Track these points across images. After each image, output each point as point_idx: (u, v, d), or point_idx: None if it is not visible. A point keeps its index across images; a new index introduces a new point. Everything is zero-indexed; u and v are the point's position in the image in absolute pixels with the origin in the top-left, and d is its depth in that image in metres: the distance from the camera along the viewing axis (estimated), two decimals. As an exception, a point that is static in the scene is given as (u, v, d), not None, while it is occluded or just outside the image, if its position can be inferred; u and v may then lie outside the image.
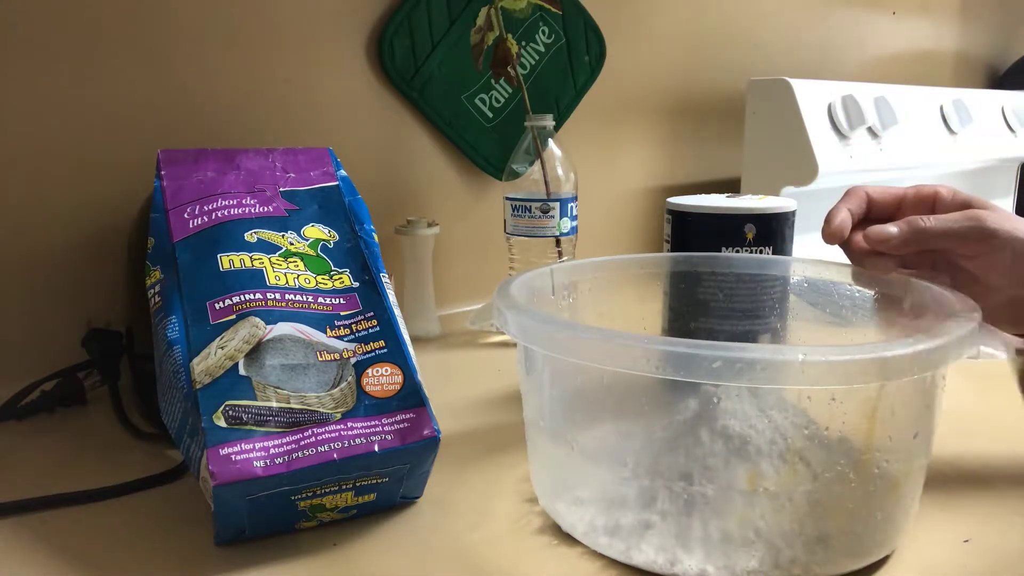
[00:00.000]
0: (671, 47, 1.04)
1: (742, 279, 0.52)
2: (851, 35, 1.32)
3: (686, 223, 0.56)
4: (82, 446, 0.52)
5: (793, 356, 0.31)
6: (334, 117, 0.75)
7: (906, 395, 0.35)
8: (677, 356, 0.31)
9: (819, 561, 0.35)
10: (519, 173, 0.74)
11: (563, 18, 0.88)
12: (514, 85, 0.85)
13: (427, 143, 0.82)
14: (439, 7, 0.79)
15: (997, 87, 1.64)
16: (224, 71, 0.68)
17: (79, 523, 0.42)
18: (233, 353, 0.40)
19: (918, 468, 0.37)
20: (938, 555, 0.38)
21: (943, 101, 1.19)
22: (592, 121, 0.96)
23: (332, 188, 0.51)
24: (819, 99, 0.97)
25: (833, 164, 0.95)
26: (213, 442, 0.37)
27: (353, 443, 0.38)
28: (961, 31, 1.55)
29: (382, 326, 0.44)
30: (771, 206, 0.55)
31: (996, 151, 1.26)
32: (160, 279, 0.44)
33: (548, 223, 0.73)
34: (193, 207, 0.47)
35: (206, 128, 0.68)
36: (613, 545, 0.37)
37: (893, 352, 0.32)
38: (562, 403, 0.40)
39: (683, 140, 1.09)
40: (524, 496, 0.44)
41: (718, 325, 0.52)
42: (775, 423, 0.37)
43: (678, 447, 0.37)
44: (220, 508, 0.37)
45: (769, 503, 0.34)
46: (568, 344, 0.35)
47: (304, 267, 0.46)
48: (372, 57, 0.77)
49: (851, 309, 0.49)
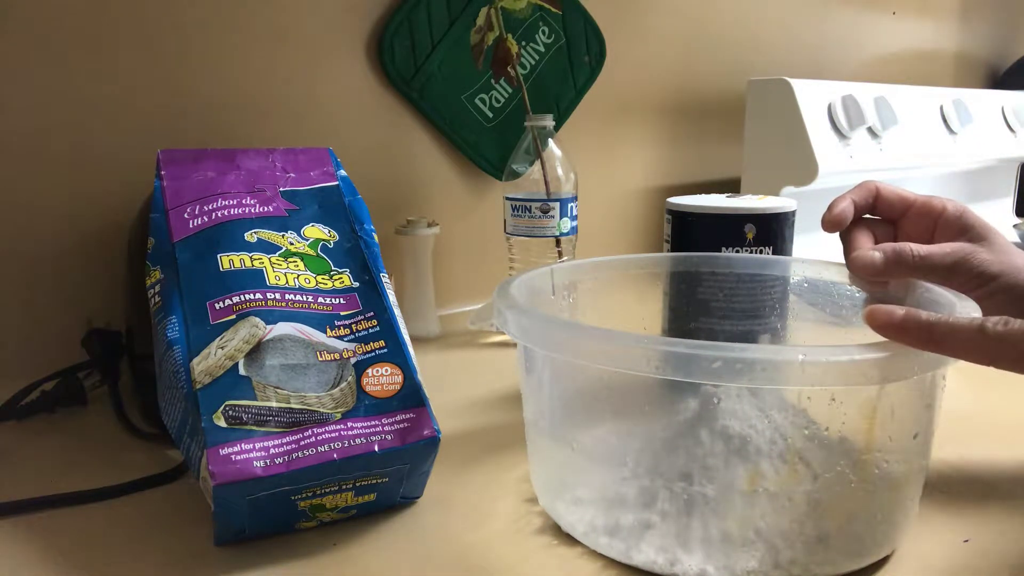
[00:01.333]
0: (671, 47, 1.04)
1: (742, 279, 0.52)
2: (851, 35, 1.32)
3: (686, 223, 0.56)
4: (82, 446, 0.52)
5: (793, 356, 0.31)
6: (334, 117, 0.75)
7: (906, 395, 0.35)
8: (677, 356, 0.31)
9: (819, 561, 0.35)
10: (519, 173, 0.74)
11: (563, 18, 0.88)
12: (514, 85, 0.85)
13: (427, 143, 0.82)
14: (439, 7, 0.79)
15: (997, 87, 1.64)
16: (224, 71, 0.68)
17: (79, 523, 0.42)
18: (233, 353, 0.40)
19: (918, 468, 0.37)
20: (938, 555, 0.38)
21: (943, 101, 1.19)
22: (592, 121, 0.96)
23: (332, 188, 0.51)
24: (819, 99, 0.97)
25: (833, 164, 0.95)
26: (213, 442, 0.37)
27: (353, 443, 0.38)
28: (961, 31, 1.55)
29: (382, 326, 0.44)
30: (771, 206, 0.55)
31: (996, 151, 1.26)
32: (160, 279, 0.44)
33: (548, 223, 0.73)
34: (193, 207, 0.47)
35: (206, 128, 0.68)
36: (613, 545, 0.37)
37: (893, 352, 0.32)
38: (562, 403, 0.40)
39: (683, 140, 1.09)
40: (524, 496, 0.44)
41: (718, 325, 0.52)
42: (775, 423, 0.37)
43: (678, 447, 0.37)
44: (220, 508, 0.37)
45: (769, 503, 0.34)
46: (568, 344, 0.35)
47: (304, 267, 0.46)
48: (372, 57, 0.77)
49: (851, 309, 0.49)
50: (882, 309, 0.33)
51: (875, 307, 0.33)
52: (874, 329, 0.33)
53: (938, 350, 0.32)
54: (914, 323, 0.32)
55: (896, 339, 0.33)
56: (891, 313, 0.33)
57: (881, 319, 0.33)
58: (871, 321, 0.33)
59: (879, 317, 0.33)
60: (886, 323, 0.33)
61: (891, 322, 0.33)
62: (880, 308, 0.33)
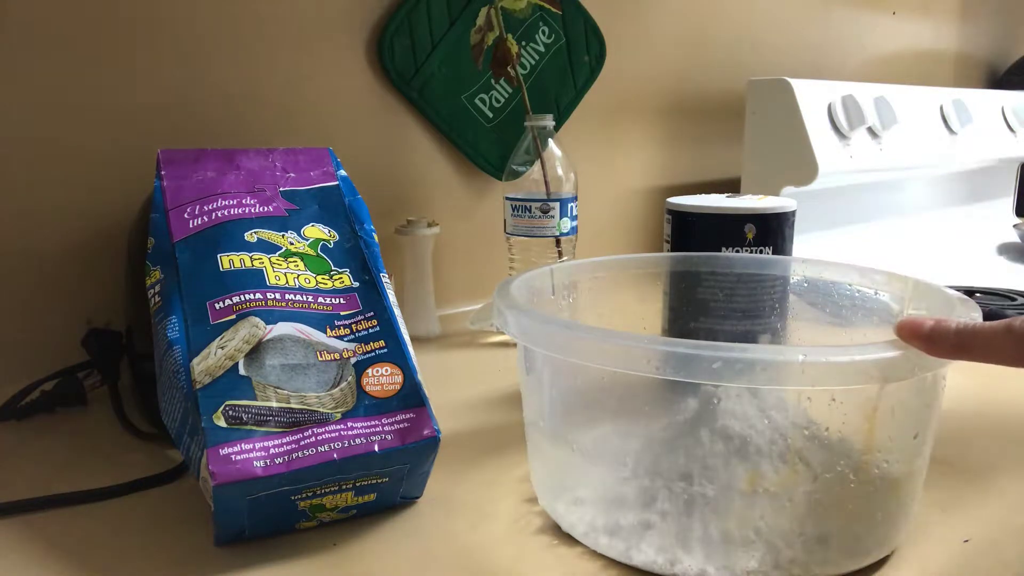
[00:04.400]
0: (671, 47, 1.04)
1: (742, 279, 0.52)
2: (851, 35, 1.32)
3: (686, 223, 0.56)
4: (82, 446, 0.52)
5: (793, 357, 0.31)
6: (334, 117, 0.75)
7: (906, 395, 0.35)
8: (677, 356, 0.31)
9: (819, 561, 0.35)
10: (519, 173, 0.74)
11: (563, 18, 0.88)
12: (514, 85, 0.85)
13: (427, 143, 0.82)
14: (439, 7, 0.79)
15: (997, 87, 1.64)
16: (224, 71, 0.68)
17: (79, 523, 0.42)
18: (233, 353, 0.40)
19: (918, 468, 0.37)
20: (938, 555, 0.38)
21: (943, 101, 1.19)
22: (592, 121, 0.96)
23: (332, 188, 0.51)
24: (819, 99, 0.97)
25: (833, 164, 0.95)
26: (213, 442, 0.37)
27: (353, 443, 0.38)
28: (961, 31, 1.55)
29: (382, 326, 0.44)
30: (771, 206, 0.55)
31: (996, 151, 1.26)
32: (160, 279, 0.44)
33: (548, 223, 0.73)
34: (193, 207, 0.47)
35: (206, 128, 0.68)
36: (613, 545, 0.37)
37: (893, 352, 0.32)
38: (562, 403, 0.40)
39: (683, 140, 1.09)
40: (524, 496, 0.44)
41: (718, 325, 0.52)
42: (775, 423, 0.37)
43: (678, 447, 0.37)
44: (220, 508, 0.37)
45: (769, 503, 0.34)
46: (568, 344, 0.35)
47: (304, 267, 0.46)
48: (372, 57, 0.77)
49: (851, 309, 0.49)
50: (911, 320, 0.33)
51: (905, 319, 0.33)
52: (904, 340, 0.33)
53: (968, 357, 0.32)
54: (942, 333, 0.32)
55: (926, 350, 0.32)
56: (920, 324, 0.33)
57: (910, 330, 0.33)
58: (900, 332, 0.33)
59: (908, 328, 0.33)
60: (915, 334, 0.33)
61: (920, 333, 0.33)
62: (909, 320, 0.33)
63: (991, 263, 1.11)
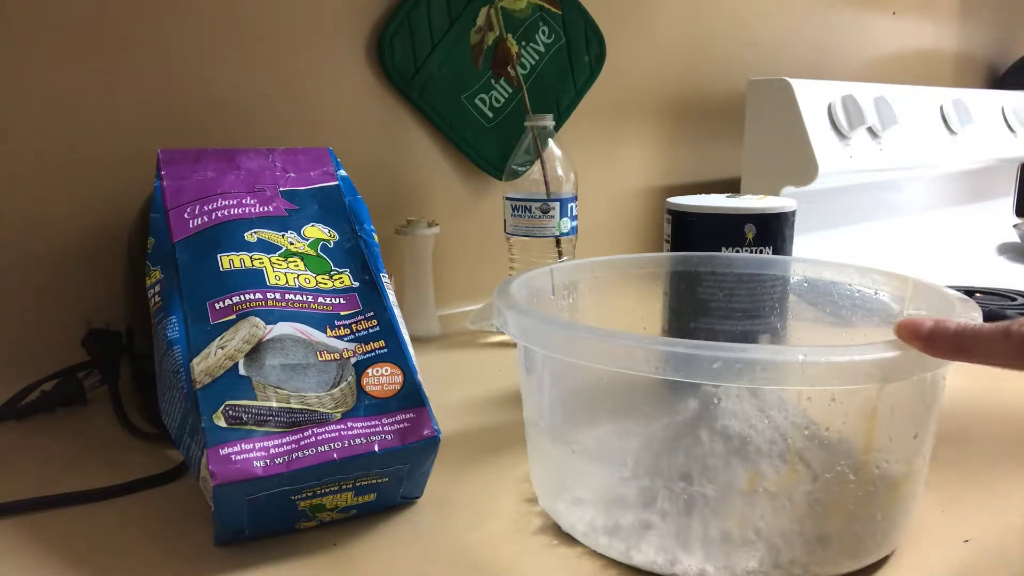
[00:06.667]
0: (671, 47, 1.04)
1: (742, 279, 0.52)
2: (851, 35, 1.32)
3: (686, 223, 0.56)
4: (82, 446, 0.52)
5: (793, 357, 0.31)
6: (334, 117, 0.75)
7: (906, 395, 0.35)
8: (677, 357, 0.31)
9: (819, 561, 0.35)
10: (519, 173, 0.74)
11: (563, 18, 0.88)
12: (514, 85, 0.85)
13: (427, 143, 0.82)
14: (439, 7, 0.79)
15: (997, 87, 1.64)
16: (224, 71, 0.68)
17: (79, 523, 0.42)
18: (233, 353, 0.40)
19: (918, 468, 0.37)
20: (938, 555, 0.38)
21: (943, 101, 1.19)
22: (592, 121, 0.96)
23: (332, 188, 0.51)
24: (819, 99, 0.97)
25: (833, 164, 0.95)
26: (213, 442, 0.37)
27: (353, 443, 0.38)
28: (961, 31, 1.55)
29: (382, 326, 0.44)
30: (771, 206, 0.55)
31: (996, 151, 1.26)
32: (160, 279, 0.44)
33: (548, 223, 0.73)
34: (193, 207, 0.47)
35: (206, 128, 0.68)
36: (613, 545, 0.37)
37: (893, 353, 0.32)
38: (562, 403, 0.40)
39: (683, 140, 1.09)
40: (524, 496, 0.44)
41: (718, 325, 0.52)
42: (775, 423, 0.37)
43: (678, 447, 0.37)
44: (220, 508, 0.37)
45: (769, 503, 0.34)
46: (568, 344, 0.35)
47: (304, 267, 0.46)
48: (372, 57, 0.77)
49: (851, 309, 0.49)
50: (911, 321, 0.33)
51: (904, 320, 0.33)
52: (904, 340, 0.33)
53: (966, 359, 0.32)
54: (941, 334, 0.32)
55: (926, 351, 0.32)
56: (919, 325, 0.33)
57: (910, 331, 0.33)
58: (900, 333, 0.33)
59: (908, 329, 0.33)
60: (915, 334, 0.33)
61: (920, 333, 0.32)
62: (909, 320, 0.33)
63: (991, 263, 1.11)
